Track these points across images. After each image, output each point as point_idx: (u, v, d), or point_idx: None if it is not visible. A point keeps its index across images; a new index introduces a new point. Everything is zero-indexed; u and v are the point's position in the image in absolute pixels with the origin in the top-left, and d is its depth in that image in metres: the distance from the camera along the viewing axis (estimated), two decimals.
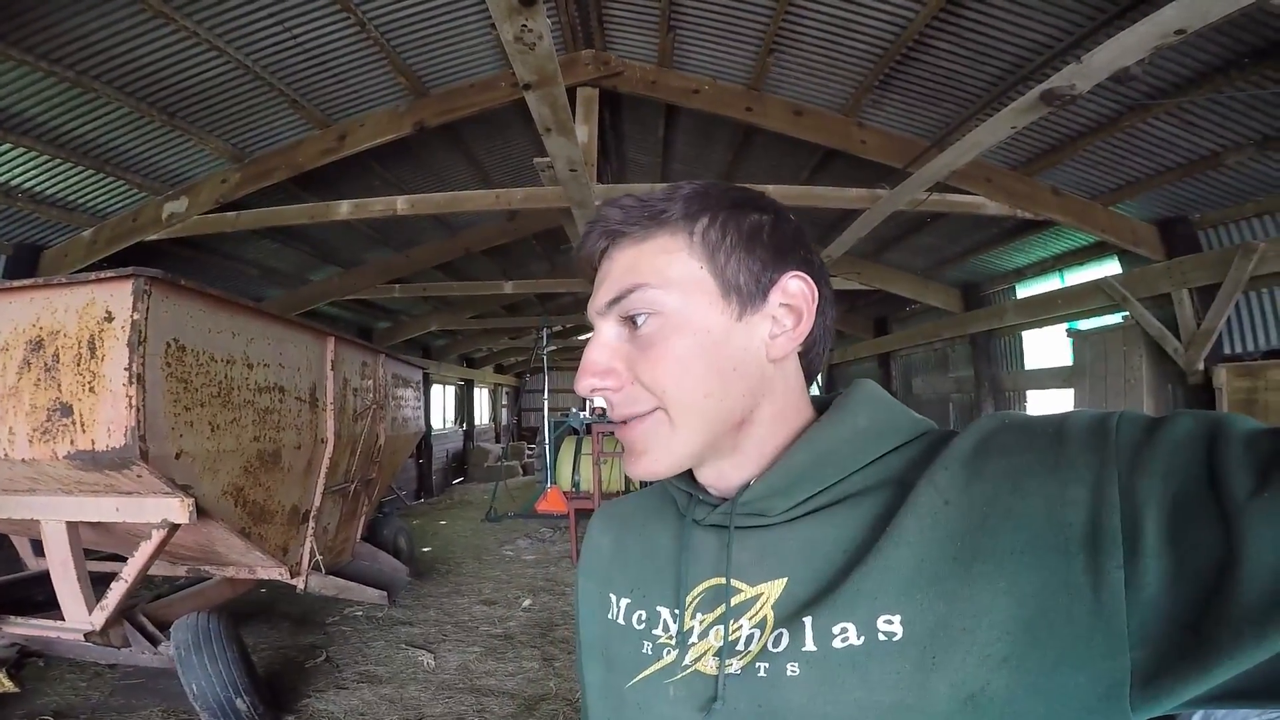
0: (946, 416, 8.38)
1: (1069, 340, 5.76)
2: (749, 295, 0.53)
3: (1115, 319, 5.26)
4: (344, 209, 4.94)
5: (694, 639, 0.54)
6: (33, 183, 4.38)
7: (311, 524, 4.06)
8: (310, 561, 4.04)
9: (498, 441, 17.92)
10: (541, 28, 2.11)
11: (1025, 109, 2.59)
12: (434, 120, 4.52)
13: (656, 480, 0.58)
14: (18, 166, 4.18)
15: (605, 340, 0.55)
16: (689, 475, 0.61)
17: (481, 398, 17.64)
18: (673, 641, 0.55)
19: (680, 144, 5.52)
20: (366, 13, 3.64)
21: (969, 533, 0.45)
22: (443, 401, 14.57)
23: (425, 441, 11.95)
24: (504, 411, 20.14)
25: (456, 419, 15.43)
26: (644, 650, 0.57)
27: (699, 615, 0.54)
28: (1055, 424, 0.46)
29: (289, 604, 5.19)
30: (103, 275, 2.57)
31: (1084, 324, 5.71)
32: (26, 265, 4.93)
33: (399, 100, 4.53)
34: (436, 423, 13.58)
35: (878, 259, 7.38)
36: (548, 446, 8.97)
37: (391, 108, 4.56)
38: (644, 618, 0.58)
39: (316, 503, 4.11)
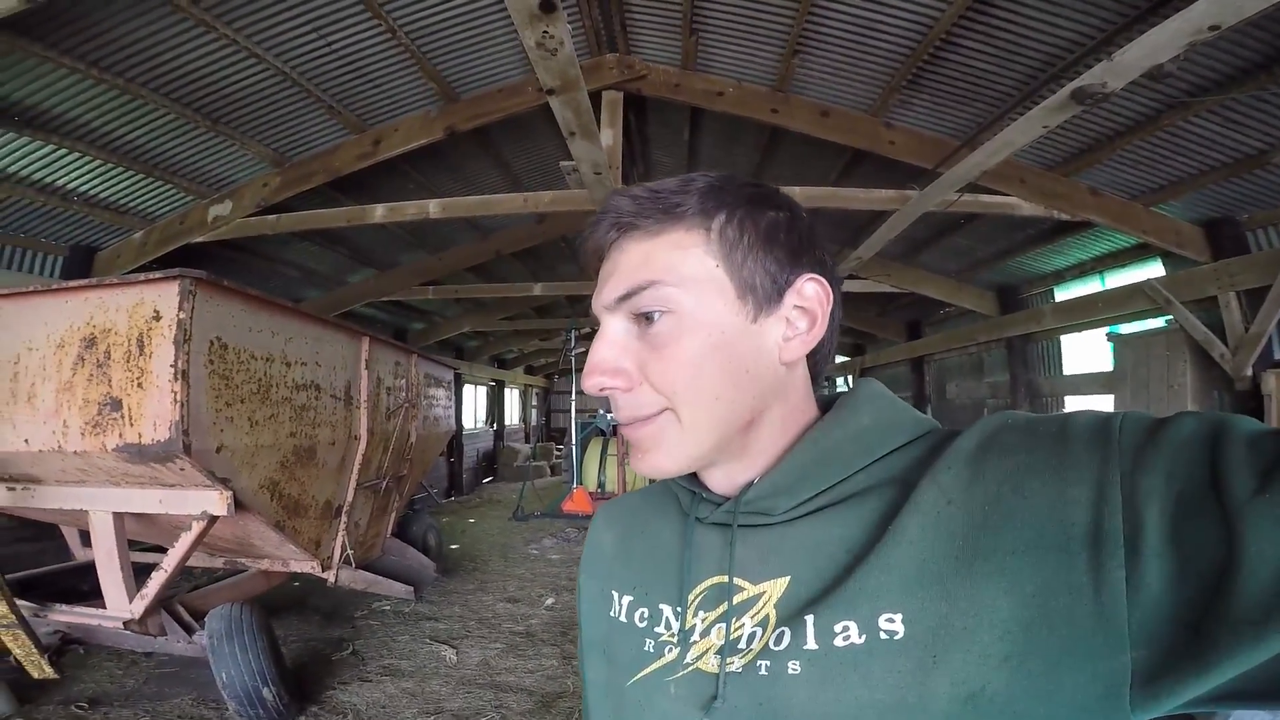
0: None
1: (1109, 345, 5.59)
2: (765, 296, 0.52)
3: (1158, 323, 5.08)
4: (379, 212, 5.07)
5: (696, 637, 0.54)
6: (87, 186, 4.61)
7: (344, 519, 4.18)
8: (341, 556, 4.16)
9: (527, 442, 18.11)
10: (562, 34, 2.16)
11: (1056, 108, 2.54)
12: (464, 125, 4.61)
13: (663, 478, 0.58)
14: (73, 171, 4.41)
15: (614, 337, 0.53)
16: (693, 474, 0.60)
17: (512, 398, 17.86)
18: (674, 639, 0.55)
19: (706, 146, 5.53)
20: (397, 19, 3.74)
21: (971, 532, 0.45)
22: (474, 402, 14.80)
23: (457, 441, 12.15)
24: (534, 412, 20.35)
25: (487, 419, 15.65)
26: (645, 648, 0.57)
27: (701, 613, 0.55)
28: (1058, 424, 0.46)
29: (320, 597, 5.33)
30: (151, 276, 2.71)
31: (1125, 328, 5.53)
32: (81, 266, 5.18)
33: (430, 105, 4.64)
34: (468, 422, 13.80)
35: (910, 261, 7.25)
36: (574, 447, 9.04)
37: (423, 112, 4.67)
38: (646, 615, 0.58)
39: (349, 498, 4.23)
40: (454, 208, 5.06)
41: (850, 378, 12.24)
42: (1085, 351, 6.60)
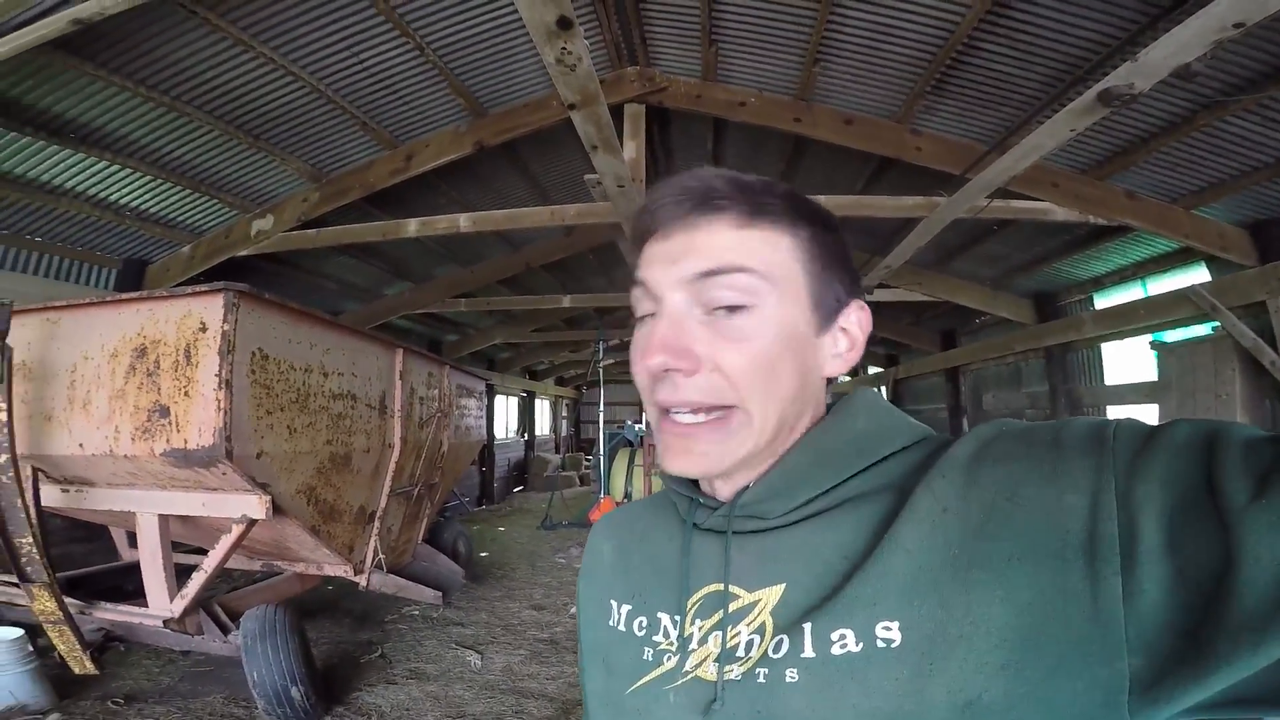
0: None
1: (1153, 353, 5.40)
2: (828, 313, 0.54)
3: (1204, 330, 4.90)
4: (412, 227, 5.23)
5: (694, 645, 0.54)
6: (139, 201, 4.87)
7: (377, 524, 4.29)
8: (373, 560, 4.26)
9: (557, 452, 18.24)
10: (580, 50, 2.22)
11: (1083, 110, 2.50)
12: (492, 139, 4.74)
13: (703, 477, 0.57)
14: (126, 186, 4.66)
15: (679, 316, 0.51)
16: (690, 480, 0.60)
17: (542, 409, 18.04)
18: (673, 648, 0.55)
19: (730, 156, 5.56)
20: (424, 37, 3.88)
21: (967, 540, 0.45)
22: (506, 412, 15.00)
23: (489, 450, 12.33)
24: (563, 423, 20.50)
25: (519, 429, 15.84)
26: (644, 656, 0.57)
27: (698, 621, 0.54)
28: (1053, 431, 0.46)
29: (352, 601, 5.46)
30: (198, 289, 2.85)
31: (1169, 335, 5.35)
32: (134, 278, 5.45)
33: (460, 120, 4.78)
34: (500, 432, 13.98)
35: (942, 269, 7.14)
36: (602, 458, 9.09)
37: (453, 128, 4.82)
38: (645, 624, 0.59)
39: (382, 504, 4.34)
40: (484, 221, 5.19)
41: (884, 390, 12.05)
42: (1128, 360, 6.40)
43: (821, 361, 0.55)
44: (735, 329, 0.50)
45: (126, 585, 3.88)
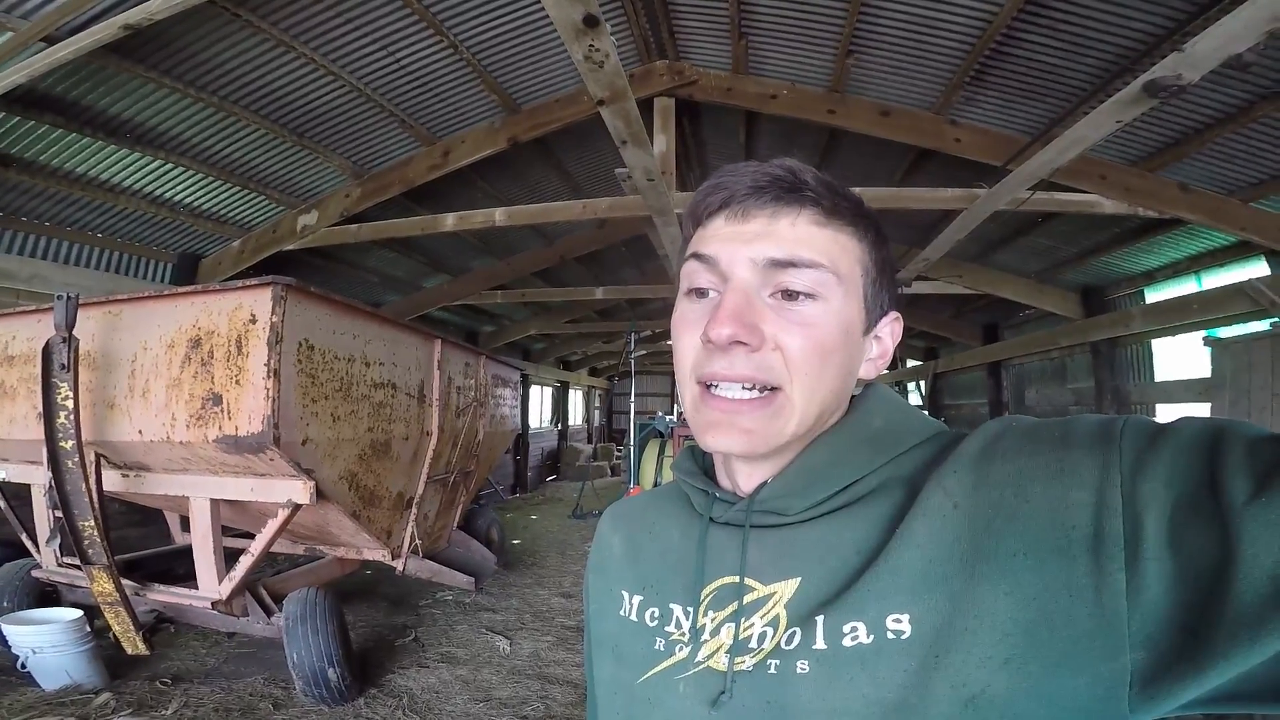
0: None
1: (1207, 349, 5.18)
2: (874, 319, 0.57)
3: (1262, 326, 4.68)
4: (450, 221, 5.35)
5: (706, 636, 0.55)
6: (191, 198, 5.09)
7: (414, 510, 4.42)
8: (410, 545, 4.40)
9: (590, 442, 18.40)
10: (607, 47, 2.24)
11: (1129, 101, 2.41)
12: (525, 135, 4.80)
13: (743, 456, 0.57)
14: (179, 184, 4.88)
15: (749, 291, 0.52)
16: (707, 474, 0.63)
17: (576, 399, 18.21)
18: (685, 638, 0.56)
19: (763, 149, 5.51)
20: (458, 35, 3.94)
21: (975, 535, 0.46)
22: (540, 402, 15.19)
23: (523, 439, 12.53)
24: (596, 413, 20.66)
25: (553, 419, 16.04)
26: (656, 647, 0.58)
27: (711, 613, 0.55)
28: (1061, 428, 0.47)
29: (389, 586, 5.64)
30: (248, 283, 2.98)
31: (1224, 331, 5.12)
32: (188, 272, 5.71)
33: (494, 116, 4.86)
34: (534, 422, 14.19)
35: (985, 261, 6.96)
36: (633, 448, 9.15)
37: (488, 124, 4.90)
38: (656, 614, 0.59)
39: (420, 490, 4.47)
40: (518, 215, 5.27)
41: (923, 384, 11.78)
42: (1179, 356, 6.14)
43: (860, 363, 0.57)
44: (801, 314, 0.52)
45: (178, 569, 4.04)
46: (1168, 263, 5.77)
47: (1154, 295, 6.17)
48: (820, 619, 0.49)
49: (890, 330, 0.59)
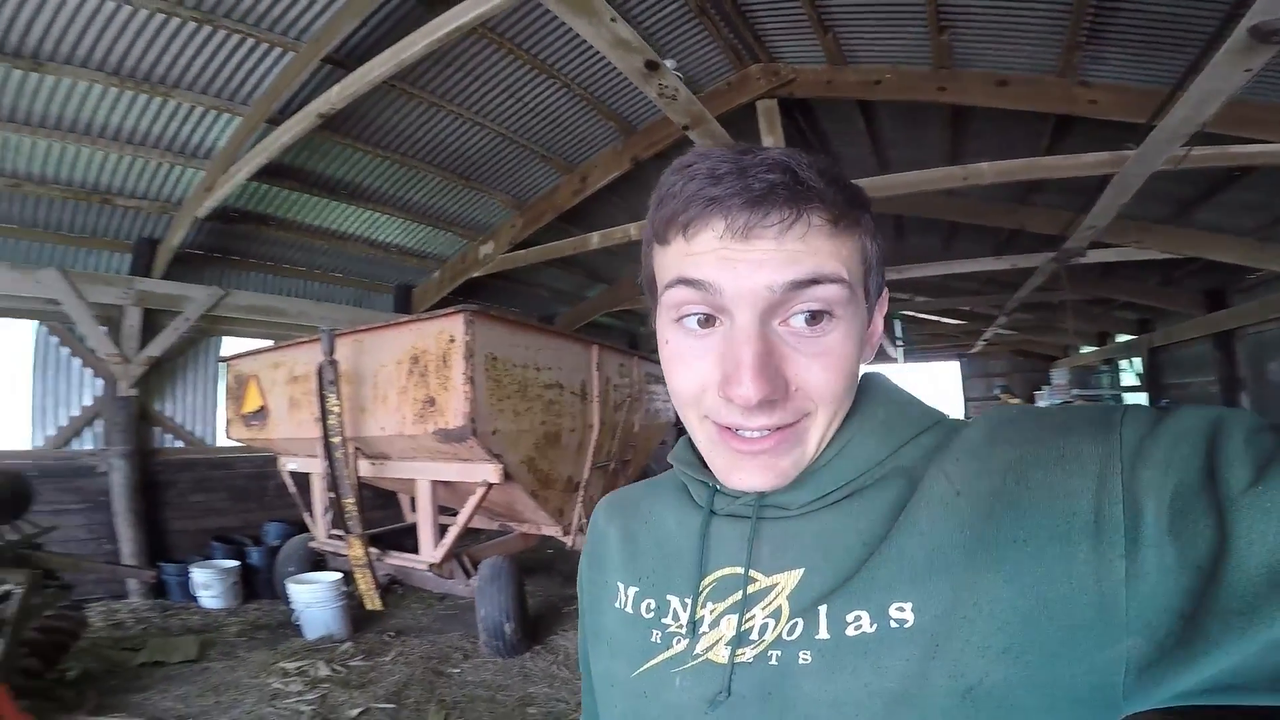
0: None
1: None
2: (869, 312, 0.53)
3: None
4: (595, 239, 5.97)
5: (705, 628, 0.53)
6: (398, 238, 6.31)
7: (581, 492, 5.09)
8: (578, 524, 5.07)
9: None
10: (674, 83, 2.57)
11: (1241, 50, 2.20)
12: (645, 153, 5.30)
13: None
14: (388, 228, 6.10)
15: (763, 334, 0.47)
16: (706, 465, 0.58)
17: None
18: (683, 630, 0.55)
19: (886, 131, 5.35)
20: (568, 75, 4.52)
21: (977, 522, 0.45)
22: None
23: (678, 430, 13.05)
24: None
25: None
26: (653, 639, 0.56)
27: (709, 605, 0.54)
28: (1063, 416, 0.47)
29: (564, 563, 6.47)
30: (447, 311, 3.78)
31: None
32: (404, 300, 7.03)
33: (615, 140, 5.44)
34: None
35: (1182, 222, 6.10)
36: None
37: (611, 147, 5.49)
38: (653, 606, 0.58)
39: (585, 475, 5.13)
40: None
41: (1139, 359, 10.19)
42: None
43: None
44: (823, 344, 0.48)
45: (407, 542, 4.86)
46: None
47: None
48: (823, 609, 0.48)
49: (878, 326, 0.56)
